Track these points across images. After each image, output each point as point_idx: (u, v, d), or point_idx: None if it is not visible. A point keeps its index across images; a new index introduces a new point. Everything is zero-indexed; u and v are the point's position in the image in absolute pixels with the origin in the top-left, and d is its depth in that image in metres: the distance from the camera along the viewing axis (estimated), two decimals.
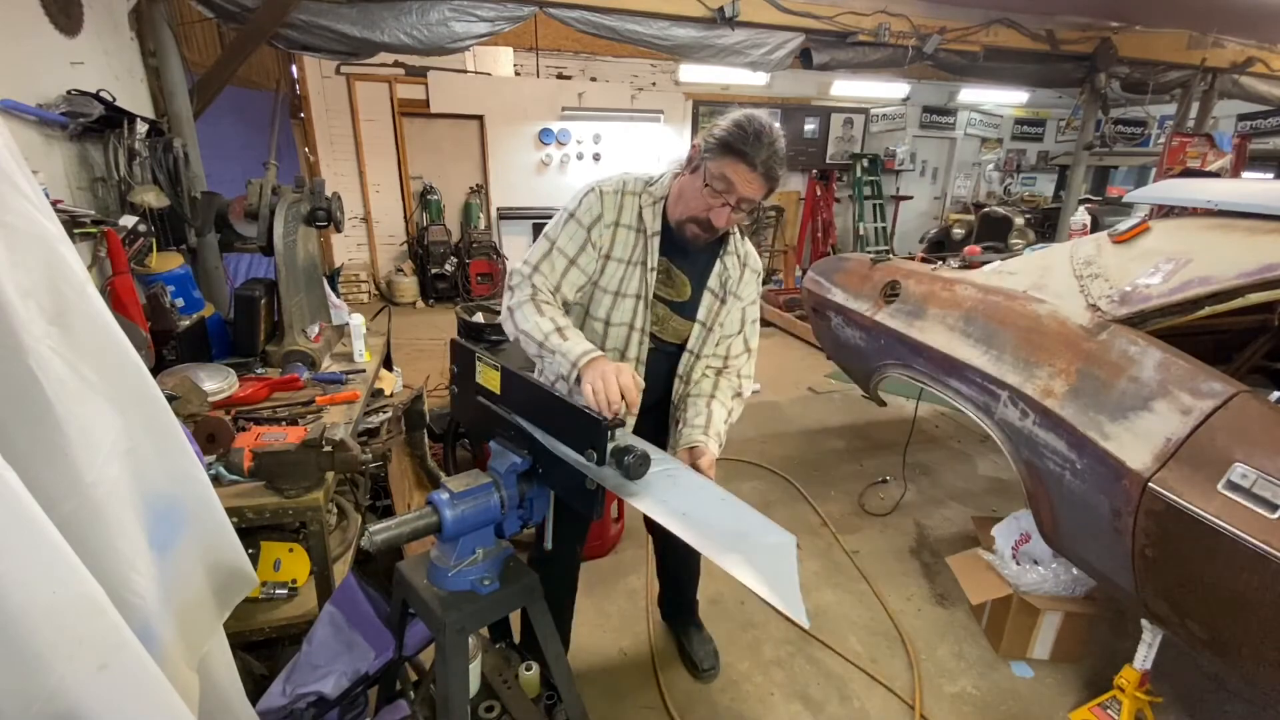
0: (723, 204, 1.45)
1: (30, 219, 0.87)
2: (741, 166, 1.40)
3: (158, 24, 2.79)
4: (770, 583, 1.00)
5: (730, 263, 1.64)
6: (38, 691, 0.77)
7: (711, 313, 1.65)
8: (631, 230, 1.56)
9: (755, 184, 1.42)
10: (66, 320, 0.91)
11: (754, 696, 2.12)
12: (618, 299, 1.58)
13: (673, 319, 1.65)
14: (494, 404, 1.32)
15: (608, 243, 1.56)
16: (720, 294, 1.65)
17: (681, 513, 1.12)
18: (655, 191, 1.58)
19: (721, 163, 1.42)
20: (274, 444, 1.66)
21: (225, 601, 1.26)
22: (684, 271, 1.62)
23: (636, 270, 1.56)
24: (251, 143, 4.10)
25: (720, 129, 1.43)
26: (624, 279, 1.57)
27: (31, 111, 1.95)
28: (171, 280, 2.25)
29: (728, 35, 4.00)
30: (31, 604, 0.76)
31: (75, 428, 0.90)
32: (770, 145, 1.40)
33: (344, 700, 1.44)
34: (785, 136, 1.46)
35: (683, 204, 1.52)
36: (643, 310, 1.58)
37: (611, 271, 1.57)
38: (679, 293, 1.63)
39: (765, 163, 1.40)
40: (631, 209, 1.56)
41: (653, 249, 1.56)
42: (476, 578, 1.24)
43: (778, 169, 1.42)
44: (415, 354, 5.17)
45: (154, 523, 1.06)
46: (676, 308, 1.64)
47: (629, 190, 1.57)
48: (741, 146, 1.39)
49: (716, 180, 1.43)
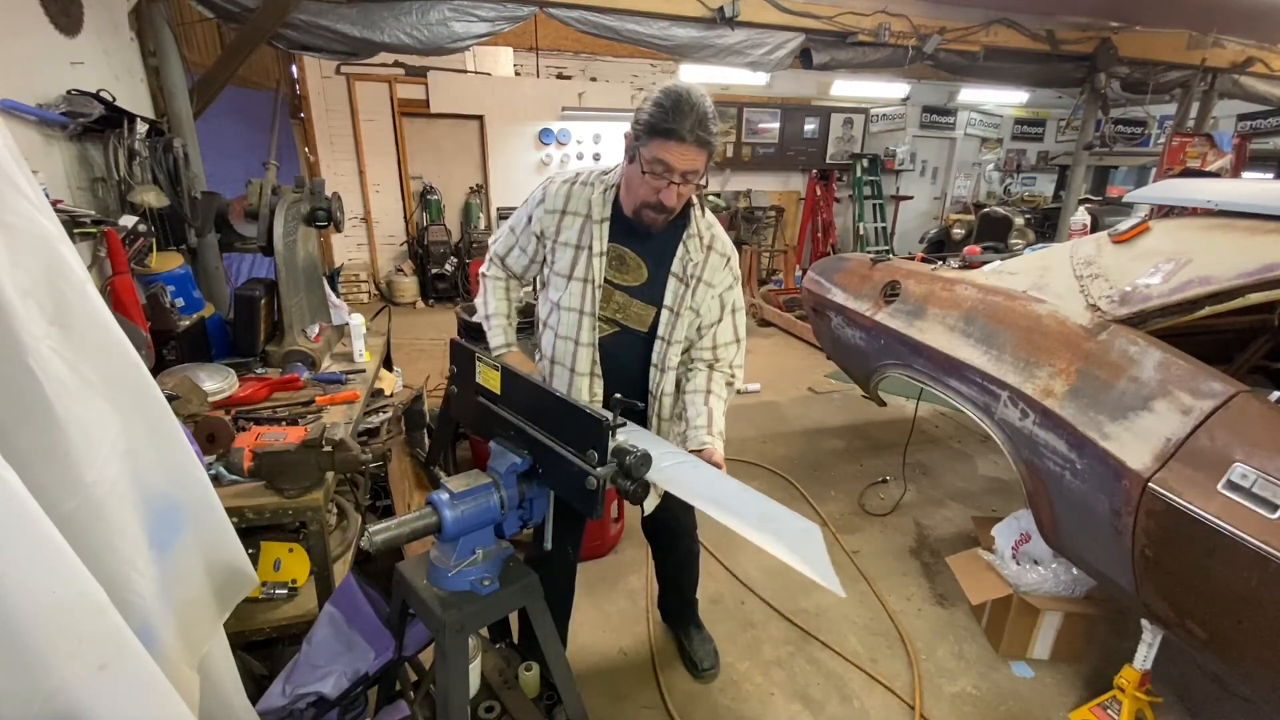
0: (667, 184, 1.46)
1: (30, 219, 0.87)
2: (671, 144, 1.40)
3: (158, 24, 2.79)
4: (803, 557, 1.06)
5: (692, 246, 1.63)
6: (38, 691, 0.78)
7: (678, 298, 1.63)
8: (579, 217, 1.61)
9: (690, 155, 1.42)
10: (66, 320, 0.91)
11: (754, 696, 2.12)
12: (569, 283, 1.62)
13: (633, 304, 1.65)
14: (494, 404, 1.32)
15: (554, 229, 1.63)
16: (683, 277, 1.63)
17: (709, 496, 1.17)
18: (608, 180, 1.61)
19: (652, 146, 1.42)
20: (274, 444, 1.67)
21: (225, 601, 1.26)
22: (640, 255, 1.63)
23: (583, 254, 1.60)
24: (251, 143, 4.10)
25: (643, 112, 1.45)
26: (573, 263, 1.61)
27: (31, 111, 1.95)
28: (171, 280, 2.25)
29: (728, 35, 4.01)
30: (32, 604, 0.76)
31: (75, 428, 0.90)
32: (693, 110, 1.39)
33: (344, 700, 1.44)
34: (723, 119, 1.53)
35: (631, 194, 1.54)
36: (590, 294, 1.60)
37: (561, 255, 1.62)
38: (634, 277, 1.64)
39: (693, 131, 1.39)
40: (580, 197, 1.61)
41: (598, 234, 1.59)
42: (476, 578, 1.24)
43: (710, 133, 1.42)
44: (415, 354, 5.18)
45: (154, 523, 1.06)
46: (635, 293, 1.64)
47: (581, 181, 1.63)
48: (666, 124, 1.39)
49: (653, 165, 1.44)
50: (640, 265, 1.63)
